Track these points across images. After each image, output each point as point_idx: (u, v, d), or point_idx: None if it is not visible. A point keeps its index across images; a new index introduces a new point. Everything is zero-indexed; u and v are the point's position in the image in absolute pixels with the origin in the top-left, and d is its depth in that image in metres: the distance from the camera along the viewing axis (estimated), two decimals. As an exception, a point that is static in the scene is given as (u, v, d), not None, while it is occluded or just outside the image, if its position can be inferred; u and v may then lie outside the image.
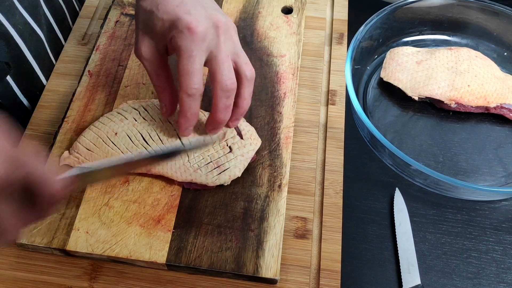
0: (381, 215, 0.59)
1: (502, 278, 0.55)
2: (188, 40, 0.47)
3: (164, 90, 0.53)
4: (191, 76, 0.48)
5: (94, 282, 0.52)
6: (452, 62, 0.66)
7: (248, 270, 0.50)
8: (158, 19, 0.49)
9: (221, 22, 0.49)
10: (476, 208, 0.59)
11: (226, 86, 0.50)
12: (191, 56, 0.47)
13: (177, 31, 0.47)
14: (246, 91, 0.53)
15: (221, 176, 0.54)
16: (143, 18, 0.51)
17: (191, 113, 0.51)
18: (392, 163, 0.61)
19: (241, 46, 0.52)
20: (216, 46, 0.49)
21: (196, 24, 0.47)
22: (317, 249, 0.54)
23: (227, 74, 0.49)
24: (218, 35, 0.49)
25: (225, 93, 0.50)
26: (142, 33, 0.51)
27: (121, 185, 0.55)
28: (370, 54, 0.70)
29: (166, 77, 0.53)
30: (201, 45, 0.48)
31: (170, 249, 0.51)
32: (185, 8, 0.48)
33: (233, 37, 0.51)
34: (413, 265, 0.54)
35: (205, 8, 0.49)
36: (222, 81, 0.49)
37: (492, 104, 0.64)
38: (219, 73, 0.49)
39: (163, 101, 0.54)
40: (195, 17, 0.47)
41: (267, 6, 0.71)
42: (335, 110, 0.64)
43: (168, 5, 0.49)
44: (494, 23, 0.71)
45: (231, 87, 0.50)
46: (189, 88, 0.48)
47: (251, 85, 0.53)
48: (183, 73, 0.48)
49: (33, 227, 0.52)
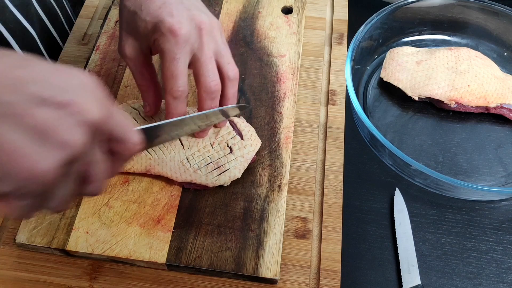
0: (381, 215, 0.59)
1: (502, 278, 0.55)
2: (171, 42, 0.47)
3: (148, 89, 0.53)
4: (175, 78, 0.48)
5: (94, 282, 0.52)
6: (452, 62, 0.66)
7: (248, 270, 0.50)
8: (141, 20, 0.49)
9: (204, 23, 0.49)
10: (476, 208, 0.59)
11: (210, 88, 0.50)
12: (175, 59, 0.48)
13: (160, 33, 0.47)
14: (230, 91, 0.53)
15: (221, 177, 0.54)
16: (126, 18, 0.50)
17: (177, 116, 0.51)
18: (392, 163, 0.61)
19: (225, 45, 0.52)
20: (199, 48, 0.49)
21: (179, 26, 0.47)
22: (317, 249, 0.54)
23: (210, 76, 0.49)
24: (201, 37, 0.49)
25: (209, 95, 0.50)
26: (126, 33, 0.51)
27: (121, 185, 0.55)
28: (370, 54, 0.70)
29: (150, 77, 0.53)
30: (184, 47, 0.48)
31: (170, 249, 0.51)
32: (168, 10, 0.48)
33: (216, 37, 0.51)
34: (413, 265, 0.54)
35: (189, 8, 0.49)
36: (205, 83, 0.49)
37: (492, 104, 0.64)
38: (203, 75, 0.49)
39: (147, 101, 0.55)
40: (177, 19, 0.47)
41: (267, 6, 0.71)
42: (335, 110, 0.64)
43: (151, 6, 0.48)
44: (494, 23, 0.71)
45: (215, 88, 0.50)
46: (174, 90, 0.49)
47: (234, 85, 0.53)
48: (167, 76, 0.48)
49: (33, 227, 0.52)
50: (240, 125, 0.57)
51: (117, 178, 0.56)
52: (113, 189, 0.55)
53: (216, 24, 0.51)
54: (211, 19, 0.50)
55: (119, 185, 0.55)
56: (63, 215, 0.53)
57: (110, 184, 0.55)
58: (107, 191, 0.55)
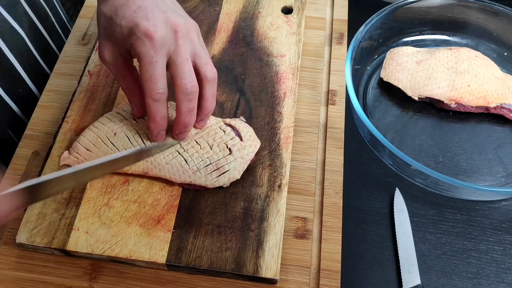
0: (381, 215, 0.59)
1: (502, 278, 0.55)
2: (147, 46, 0.47)
3: (133, 91, 0.54)
4: (154, 81, 0.48)
5: (94, 282, 0.52)
6: (452, 62, 0.66)
7: (248, 270, 0.50)
8: (117, 25, 0.49)
9: (180, 25, 0.49)
10: (476, 208, 0.59)
11: (186, 90, 0.50)
12: (152, 62, 0.48)
13: (135, 37, 0.48)
14: (208, 92, 0.53)
15: (221, 178, 0.54)
16: (103, 23, 0.51)
17: (160, 117, 0.51)
18: (392, 163, 0.61)
19: (202, 47, 0.52)
20: (175, 50, 0.49)
21: (154, 29, 0.47)
22: (317, 249, 0.54)
23: (187, 78, 0.49)
24: (176, 39, 0.49)
25: (187, 96, 0.50)
26: (104, 38, 0.51)
27: (121, 185, 0.55)
28: (370, 54, 0.70)
29: (132, 79, 0.53)
30: (160, 50, 0.48)
31: (170, 249, 0.51)
32: (143, 14, 0.48)
33: (192, 38, 0.51)
34: (413, 265, 0.54)
35: (164, 11, 0.49)
36: (182, 85, 0.49)
37: (492, 104, 0.64)
38: (179, 77, 0.49)
39: (133, 103, 0.55)
40: (153, 22, 0.48)
41: (267, 6, 0.71)
42: (335, 110, 0.64)
43: (126, 11, 0.49)
44: (494, 23, 0.71)
45: (192, 90, 0.50)
46: (154, 93, 0.49)
47: (213, 86, 0.53)
48: (146, 79, 0.48)
49: (33, 227, 0.52)
50: (239, 126, 0.57)
51: (117, 178, 0.56)
52: (113, 189, 0.55)
53: (192, 26, 0.51)
54: (187, 21, 0.51)
55: (119, 185, 0.55)
56: (63, 215, 0.53)
57: (110, 184, 0.55)
58: (107, 191, 0.55)
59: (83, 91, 0.62)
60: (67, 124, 0.60)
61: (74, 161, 0.56)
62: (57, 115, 0.63)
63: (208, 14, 0.70)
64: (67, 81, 0.66)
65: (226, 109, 0.61)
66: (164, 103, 0.51)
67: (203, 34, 0.68)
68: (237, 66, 0.65)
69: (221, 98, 0.62)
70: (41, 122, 0.63)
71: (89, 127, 0.57)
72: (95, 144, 0.56)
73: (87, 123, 0.59)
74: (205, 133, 0.56)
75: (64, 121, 0.60)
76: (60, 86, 0.66)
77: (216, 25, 0.69)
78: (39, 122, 0.63)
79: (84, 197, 0.54)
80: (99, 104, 0.61)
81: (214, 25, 0.69)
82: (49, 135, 0.61)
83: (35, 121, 0.63)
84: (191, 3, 0.71)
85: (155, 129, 0.53)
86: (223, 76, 0.64)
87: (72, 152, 0.56)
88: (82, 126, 0.59)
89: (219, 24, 0.69)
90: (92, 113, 0.61)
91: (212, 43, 0.67)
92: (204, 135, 0.56)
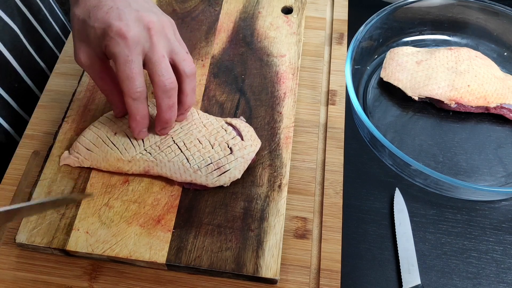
0: (381, 215, 0.59)
1: (502, 278, 0.55)
2: (121, 46, 0.47)
3: (112, 93, 0.54)
4: (132, 80, 0.48)
5: (94, 282, 0.52)
6: (452, 62, 0.66)
7: (248, 270, 0.50)
8: (90, 27, 0.49)
9: (153, 22, 0.49)
10: (476, 208, 0.59)
11: (165, 87, 0.50)
12: (128, 61, 0.48)
13: (109, 38, 0.48)
14: (188, 87, 0.53)
15: (221, 178, 0.54)
16: (77, 26, 0.51)
17: (140, 116, 0.52)
18: (392, 163, 0.61)
19: (179, 42, 0.52)
20: (150, 48, 0.49)
21: (126, 29, 0.47)
22: (317, 249, 0.54)
23: (164, 75, 0.49)
24: (151, 37, 0.49)
25: (166, 93, 0.50)
26: (79, 40, 0.51)
27: (121, 185, 0.55)
28: (370, 54, 0.70)
29: (110, 80, 0.53)
30: (135, 49, 0.48)
31: (170, 249, 0.51)
32: (115, 14, 0.48)
33: (168, 35, 0.51)
34: (413, 265, 0.54)
35: (137, 10, 0.49)
36: (160, 82, 0.49)
37: (492, 104, 0.64)
38: (156, 74, 0.49)
39: (113, 103, 0.55)
40: (125, 22, 0.48)
41: (267, 6, 0.71)
42: (335, 110, 0.64)
43: (98, 12, 0.49)
44: (494, 23, 0.71)
45: (170, 86, 0.50)
46: (132, 92, 0.49)
47: (192, 81, 0.53)
48: (123, 78, 0.48)
49: (33, 227, 0.52)
50: (240, 126, 0.57)
51: (117, 178, 0.56)
52: (113, 189, 0.55)
53: (167, 23, 0.51)
54: (161, 18, 0.51)
55: (119, 185, 0.55)
56: (63, 215, 0.53)
57: (110, 184, 0.55)
58: (107, 191, 0.55)
59: (83, 91, 0.62)
60: (67, 124, 0.60)
61: (74, 161, 0.56)
62: (57, 115, 0.63)
63: (208, 14, 0.70)
64: (67, 81, 0.66)
65: (226, 109, 0.61)
66: (144, 101, 0.51)
67: (203, 34, 0.68)
68: (237, 66, 0.65)
69: (221, 98, 0.62)
70: (41, 122, 0.63)
71: (89, 127, 0.57)
72: (95, 143, 0.56)
73: (87, 123, 0.59)
74: (207, 132, 0.56)
75: (64, 121, 0.60)
76: (60, 86, 0.66)
77: (216, 25, 0.69)
78: (39, 122, 0.63)
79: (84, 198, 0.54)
80: (99, 104, 0.61)
81: (214, 25, 0.69)
82: (49, 135, 0.61)
83: (35, 121, 0.63)
84: (191, 3, 0.71)
85: (136, 127, 0.53)
86: (223, 76, 0.64)
87: (72, 152, 0.56)
88: (82, 126, 0.59)
89: (219, 24, 0.69)
90: (92, 113, 0.61)
91: (212, 43, 0.67)
92: (206, 134, 0.56)
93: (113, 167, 0.55)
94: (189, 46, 0.67)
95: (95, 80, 0.53)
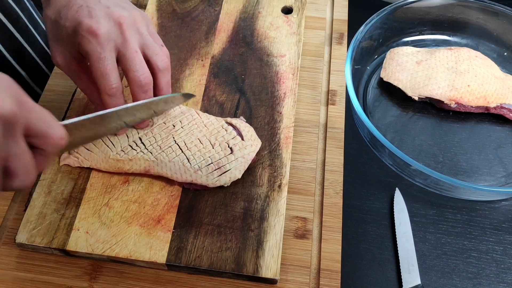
0: (381, 215, 0.59)
1: (502, 278, 0.55)
2: (93, 43, 0.48)
3: (91, 91, 0.54)
4: (106, 77, 0.48)
5: (94, 282, 0.52)
6: (452, 62, 0.66)
7: (248, 270, 0.50)
8: (62, 27, 0.49)
9: (124, 18, 0.49)
10: (476, 208, 0.59)
11: (140, 82, 0.50)
12: (100, 58, 0.48)
13: (80, 36, 0.48)
14: (162, 82, 0.53)
15: (222, 178, 0.54)
16: (50, 27, 0.51)
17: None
18: (392, 163, 0.61)
19: (153, 36, 0.52)
20: (123, 43, 0.49)
21: (97, 26, 0.47)
22: (317, 249, 0.54)
23: (138, 70, 0.49)
24: (122, 32, 0.49)
25: (141, 88, 0.50)
26: (53, 42, 0.51)
27: (121, 185, 0.55)
28: (370, 54, 0.70)
29: (88, 79, 0.53)
30: (107, 45, 0.48)
31: (170, 249, 0.51)
32: (85, 12, 0.48)
33: (140, 29, 0.51)
34: (413, 265, 0.54)
35: (107, 6, 0.49)
36: (135, 78, 0.50)
37: (492, 104, 0.64)
38: (131, 70, 0.49)
39: (94, 101, 0.55)
40: (95, 19, 0.48)
41: (267, 6, 0.71)
42: (335, 110, 0.64)
43: (69, 12, 0.49)
44: (494, 23, 0.71)
45: (145, 81, 0.50)
46: (108, 88, 0.49)
47: (166, 75, 0.53)
48: (98, 76, 0.49)
49: (33, 227, 0.52)
50: (240, 126, 0.57)
51: (117, 178, 0.56)
52: (113, 189, 0.55)
53: (138, 17, 0.51)
54: (133, 13, 0.51)
55: (119, 185, 0.55)
56: (63, 215, 0.53)
57: (110, 184, 0.55)
58: (107, 191, 0.55)
59: (83, 91, 0.62)
60: (67, 124, 0.60)
61: (74, 161, 0.56)
62: (57, 115, 0.63)
63: (208, 14, 0.70)
64: (67, 81, 0.66)
65: (226, 109, 0.61)
66: (121, 97, 0.51)
67: (203, 34, 0.68)
68: (237, 66, 0.65)
69: (221, 98, 0.62)
70: (41, 122, 0.62)
71: (89, 127, 0.57)
72: (95, 143, 0.56)
73: (87, 123, 0.59)
74: (208, 131, 0.56)
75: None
76: (60, 86, 0.66)
77: (216, 25, 0.69)
78: (39, 122, 0.62)
79: (84, 197, 0.54)
80: (99, 104, 0.62)
81: (214, 25, 0.69)
82: (49, 135, 0.61)
83: (35, 121, 0.63)
84: (191, 3, 0.71)
85: None
86: (223, 76, 0.64)
87: (72, 152, 0.56)
88: (82, 126, 0.59)
89: (219, 24, 0.69)
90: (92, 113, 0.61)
91: (212, 43, 0.67)
92: (206, 134, 0.56)
93: (113, 167, 0.55)
94: (189, 46, 0.67)
95: (73, 80, 0.54)
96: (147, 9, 0.70)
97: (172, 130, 0.56)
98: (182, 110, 0.58)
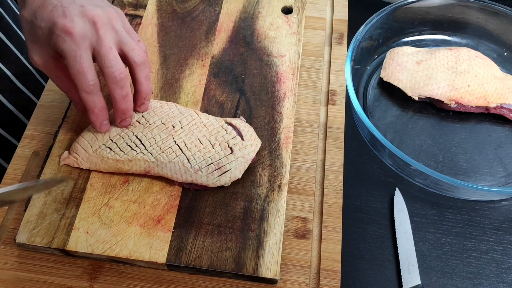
0: (381, 215, 0.59)
1: (502, 278, 0.55)
2: (68, 42, 0.48)
3: (70, 89, 0.54)
4: (83, 75, 0.49)
5: (94, 282, 0.52)
6: (452, 62, 0.66)
7: (248, 270, 0.50)
8: (37, 27, 0.50)
9: (98, 16, 0.50)
10: (476, 208, 0.59)
11: (115, 77, 0.50)
12: (76, 57, 0.48)
13: (56, 36, 0.48)
14: (141, 75, 0.53)
15: (222, 178, 0.54)
16: (27, 28, 0.51)
17: (98, 109, 0.52)
18: (392, 163, 0.61)
19: (129, 32, 0.53)
20: (97, 41, 0.50)
21: (71, 25, 0.48)
22: (317, 249, 0.54)
23: (113, 66, 0.50)
24: (97, 30, 0.49)
25: (117, 84, 0.51)
26: (30, 42, 0.52)
27: (121, 185, 0.55)
28: (370, 54, 0.70)
29: (67, 78, 0.53)
30: (82, 44, 0.49)
31: (170, 249, 0.51)
32: (59, 12, 0.49)
33: (115, 26, 0.51)
34: (413, 265, 0.54)
35: (81, 5, 0.50)
36: (110, 74, 0.50)
37: (492, 104, 0.64)
38: (105, 66, 0.50)
39: (74, 100, 0.56)
40: (70, 18, 0.48)
41: (267, 6, 0.71)
42: (335, 110, 0.64)
43: (44, 12, 0.49)
44: (494, 23, 0.71)
45: (120, 77, 0.51)
46: (86, 86, 0.50)
47: (143, 69, 0.53)
48: (75, 74, 0.49)
49: (33, 227, 0.52)
50: (240, 126, 0.57)
51: (117, 178, 0.56)
52: (113, 189, 0.55)
53: (113, 14, 0.52)
54: (107, 10, 0.51)
55: (119, 185, 0.55)
56: (63, 215, 0.53)
57: (110, 184, 0.55)
58: (107, 191, 0.55)
59: (83, 91, 0.62)
60: (67, 124, 0.60)
61: (74, 161, 0.56)
62: (57, 115, 0.63)
63: (208, 14, 0.70)
64: (67, 81, 0.66)
65: (226, 109, 0.61)
66: (99, 94, 0.51)
67: (203, 34, 0.68)
68: (237, 66, 0.65)
69: (221, 98, 0.62)
70: (41, 122, 0.62)
71: (88, 128, 0.57)
72: (93, 145, 0.56)
73: (87, 123, 0.59)
74: (207, 131, 0.56)
75: (64, 121, 0.60)
76: (60, 86, 0.66)
77: (216, 25, 0.69)
78: (39, 122, 0.63)
79: (84, 197, 0.54)
80: (99, 104, 0.61)
81: (214, 25, 0.69)
82: (49, 135, 0.61)
83: (35, 121, 0.63)
84: (191, 3, 0.71)
85: (96, 120, 0.54)
86: (223, 76, 0.64)
87: (72, 153, 0.56)
88: (82, 126, 0.59)
89: (219, 24, 0.69)
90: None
91: (212, 43, 0.67)
92: (206, 134, 0.56)
93: (112, 168, 0.55)
94: (189, 46, 0.67)
95: (52, 79, 0.54)
96: (147, 9, 0.70)
97: (172, 131, 0.56)
98: (182, 111, 0.58)
